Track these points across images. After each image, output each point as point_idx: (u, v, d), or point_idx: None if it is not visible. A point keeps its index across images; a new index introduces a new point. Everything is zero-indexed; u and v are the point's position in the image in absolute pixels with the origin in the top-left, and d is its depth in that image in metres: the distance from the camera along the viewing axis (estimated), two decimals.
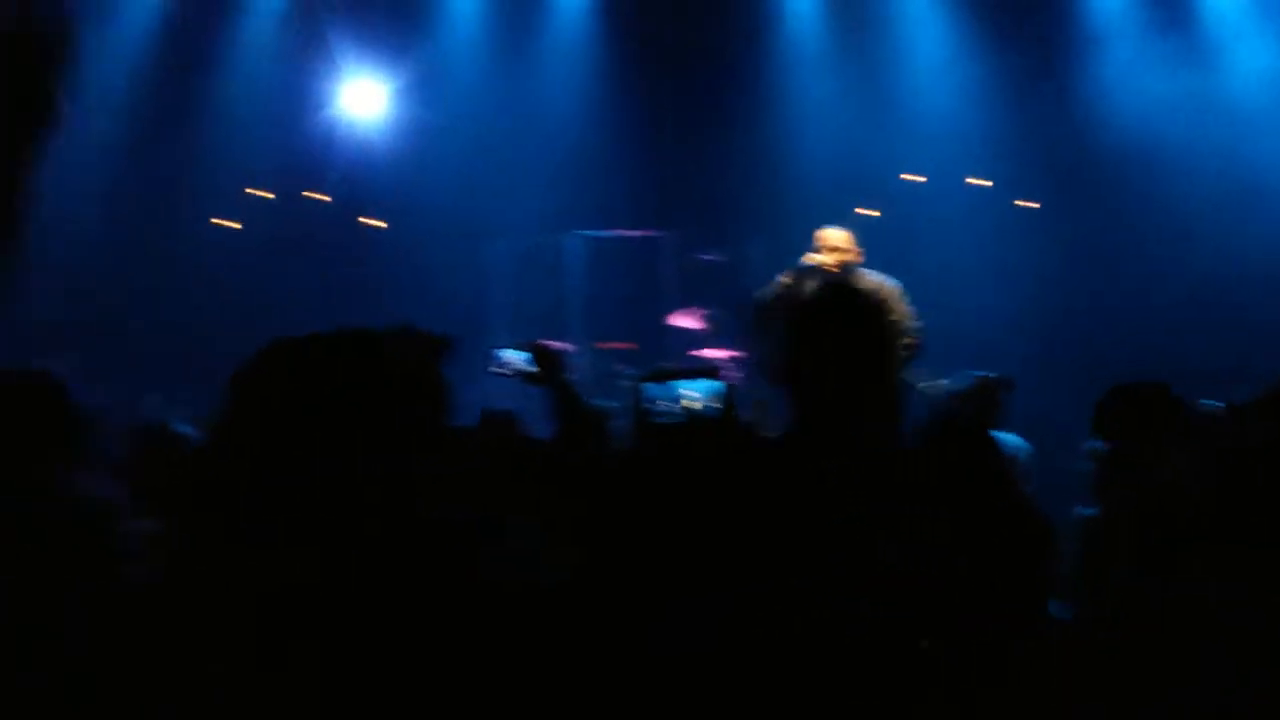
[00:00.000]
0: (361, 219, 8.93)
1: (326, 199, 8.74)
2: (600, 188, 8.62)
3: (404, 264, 8.48)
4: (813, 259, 5.78)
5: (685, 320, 8.22)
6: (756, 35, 8.74)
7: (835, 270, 5.74)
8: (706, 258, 8.45)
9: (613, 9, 8.76)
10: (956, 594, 1.97)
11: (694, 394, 2.85)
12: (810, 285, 5.64)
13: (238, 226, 8.74)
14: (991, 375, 5.12)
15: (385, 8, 8.74)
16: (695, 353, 7.84)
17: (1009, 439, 4.81)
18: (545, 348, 3.24)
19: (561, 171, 8.60)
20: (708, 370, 3.06)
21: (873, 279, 5.76)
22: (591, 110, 8.74)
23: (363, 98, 8.90)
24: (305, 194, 8.83)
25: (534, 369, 3.19)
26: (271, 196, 8.76)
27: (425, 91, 8.86)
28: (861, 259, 5.89)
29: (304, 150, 8.79)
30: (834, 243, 5.83)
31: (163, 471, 3.33)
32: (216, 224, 8.74)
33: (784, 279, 5.82)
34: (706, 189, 8.62)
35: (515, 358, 3.26)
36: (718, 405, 2.91)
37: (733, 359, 7.61)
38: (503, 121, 8.79)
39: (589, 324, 8.57)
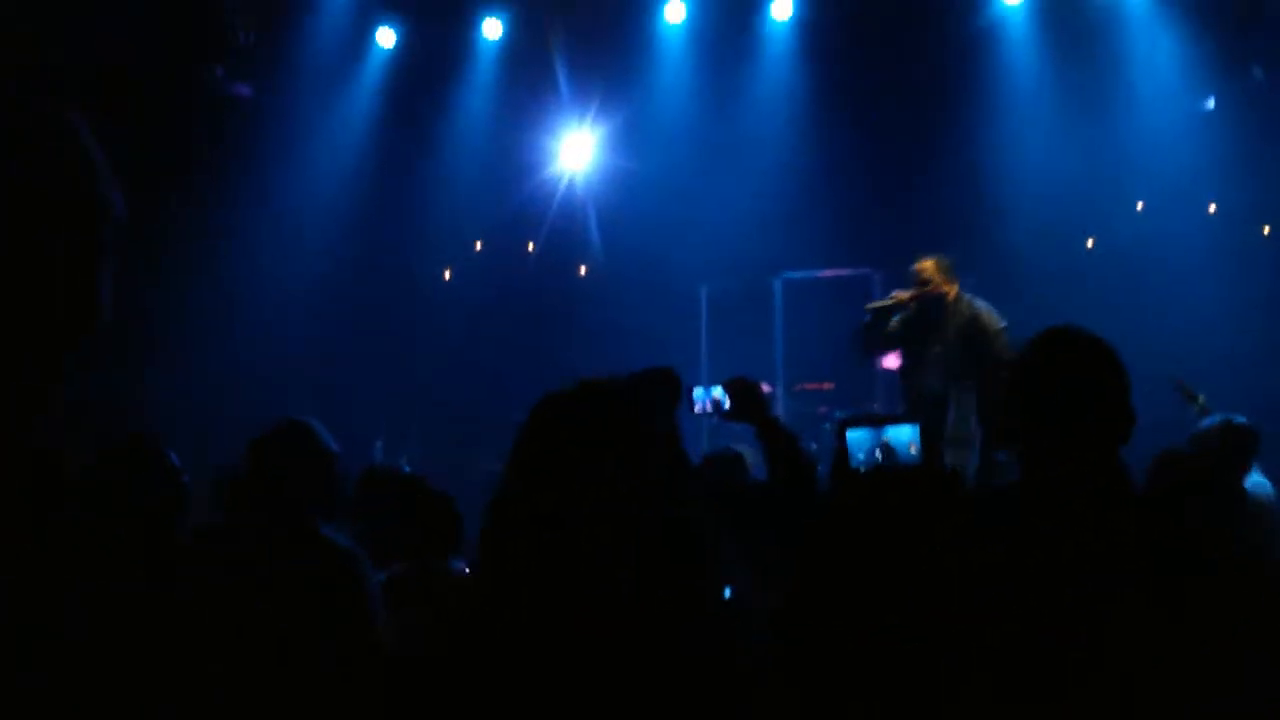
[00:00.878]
0: (578, 269, 9.14)
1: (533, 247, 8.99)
2: (810, 227, 8.55)
3: (611, 310, 8.61)
4: (900, 295, 5.88)
5: (894, 361, 8.03)
6: (969, 66, 8.50)
7: (929, 296, 5.77)
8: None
9: (820, 46, 8.69)
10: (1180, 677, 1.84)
11: (897, 440, 2.75)
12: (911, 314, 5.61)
13: (446, 277, 9.08)
14: (1238, 420, 4.63)
15: (595, 57, 8.94)
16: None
17: (1254, 481, 4.46)
18: (743, 382, 3.17)
19: (770, 213, 8.58)
20: (900, 418, 2.95)
21: (979, 306, 5.83)
22: (800, 149, 8.67)
23: (575, 148, 9.13)
24: (529, 248, 9.09)
25: (728, 406, 3.14)
26: (478, 247, 9.09)
27: (634, 139, 9.01)
28: (952, 289, 5.81)
29: (520, 203, 9.08)
30: (924, 274, 5.85)
31: (394, 513, 3.47)
32: (437, 276, 9.12)
33: (876, 306, 5.91)
34: (919, 225, 8.42)
35: (710, 395, 3.23)
36: (919, 451, 2.81)
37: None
38: (710, 163, 8.84)
39: (795, 366, 8.50)
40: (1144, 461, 3.28)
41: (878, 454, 2.71)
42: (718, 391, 3.18)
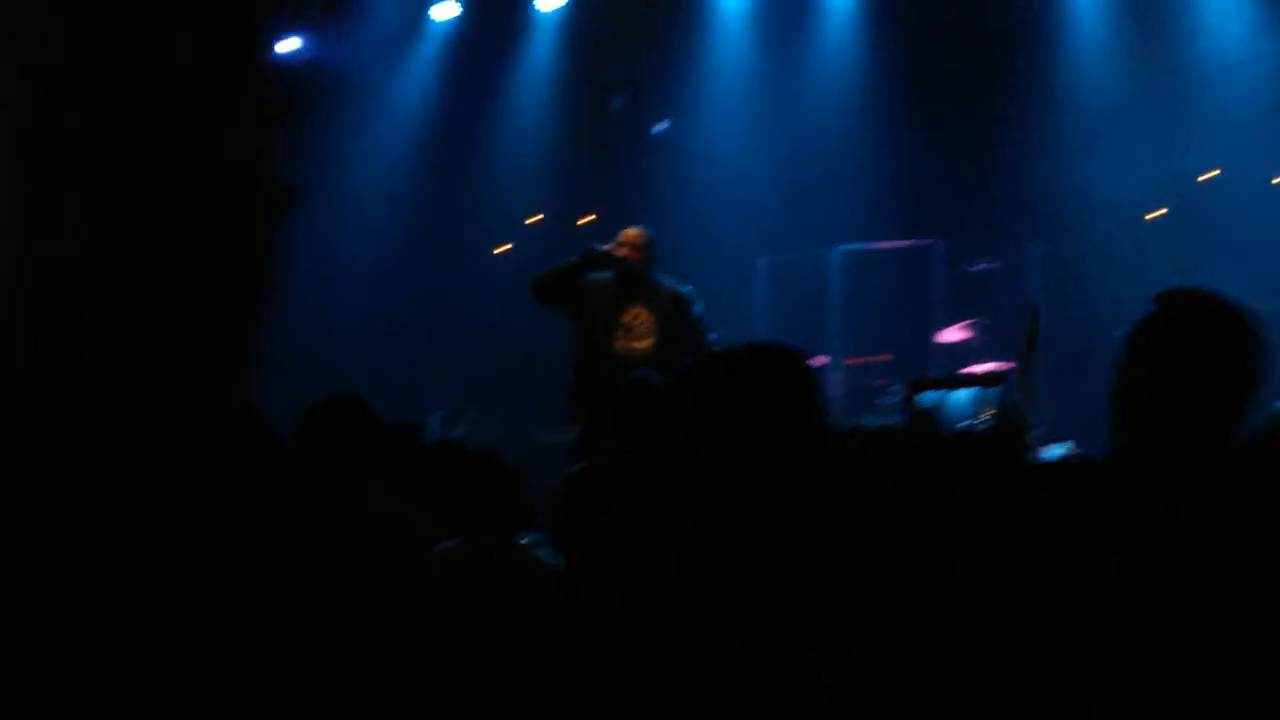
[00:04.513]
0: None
1: (590, 218, 8.96)
2: (869, 199, 8.46)
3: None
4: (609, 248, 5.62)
5: (953, 334, 7.94)
6: (1033, 28, 8.32)
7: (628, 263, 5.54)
8: (978, 267, 8.13)
9: (881, 15, 8.57)
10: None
11: (967, 404, 2.72)
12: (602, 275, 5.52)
13: (508, 247, 9.09)
14: None
15: (654, 30, 8.89)
16: (964, 368, 7.55)
17: None
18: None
19: (829, 184, 8.49)
20: (986, 378, 2.91)
21: (664, 284, 5.63)
22: (859, 118, 8.58)
23: (632, 121, 9.10)
24: (578, 221, 9.08)
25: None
26: (540, 218, 9.08)
27: (693, 112, 8.96)
28: (646, 263, 5.61)
29: (578, 171, 9.06)
30: (629, 240, 5.64)
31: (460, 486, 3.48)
32: (498, 252, 9.14)
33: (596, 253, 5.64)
34: (980, 194, 8.30)
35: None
36: (993, 416, 2.77)
37: (1002, 372, 7.27)
38: (768, 135, 8.77)
39: (852, 338, 8.42)
40: None
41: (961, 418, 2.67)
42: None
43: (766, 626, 1.66)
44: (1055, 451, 5.18)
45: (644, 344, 5.50)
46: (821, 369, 7.62)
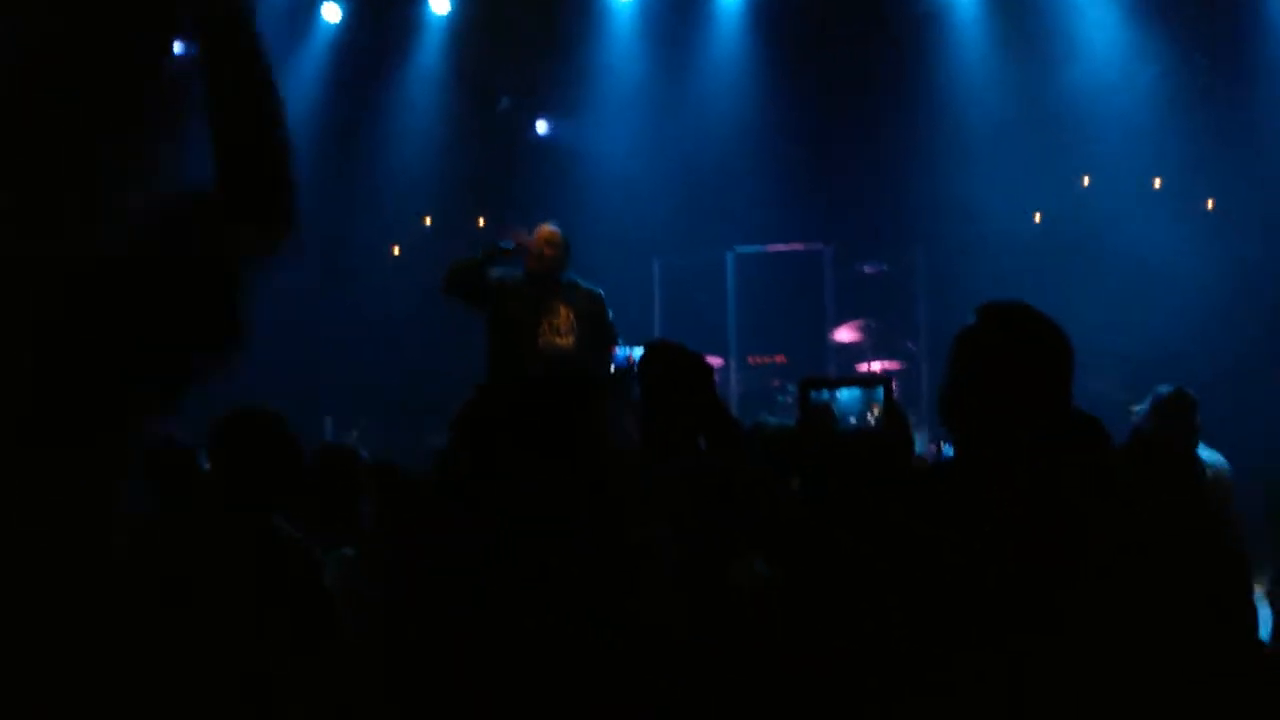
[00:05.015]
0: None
1: (482, 222, 8.91)
2: (762, 202, 8.57)
3: None
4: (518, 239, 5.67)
5: (845, 334, 8.11)
6: (915, 40, 8.53)
7: (537, 265, 5.60)
8: (868, 268, 8.32)
9: (772, 20, 8.69)
10: (1146, 629, 1.87)
11: (855, 402, 2.76)
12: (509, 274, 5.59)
13: (396, 252, 8.99)
14: (1181, 389, 4.72)
15: (545, 30, 8.86)
16: (859, 366, 7.72)
17: (1208, 455, 4.53)
18: (663, 342, 3.13)
19: (720, 187, 8.58)
20: (872, 379, 2.96)
21: (580, 283, 5.71)
22: (750, 124, 8.68)
23: (522, 122, 9.09)
24: (478, 224, 9.01)
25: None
26: (427, 222, 9.00)
27: (582, 114, 8.96)
28: (560, 261, 5.70)
29: (470, 173, 9.00)
30: (545, 237, 5.68)
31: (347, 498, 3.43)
32: (385, 251, 9.02)
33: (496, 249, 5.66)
34: (868, 199, 8.47)
35: (628, 354, 3.21)
36: (879, 415, 2.81)
37: (891, 371, 7.48)
38: (660, 138, 8.82)
39: (749, 339, 8.53)
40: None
41: (852, 418, 2.71)
42: (637, 352, 3.16)
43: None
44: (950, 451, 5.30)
45: (566, 341, 5.49)
46: (718, 369, 7.71)
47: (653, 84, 8.89)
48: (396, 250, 9.14)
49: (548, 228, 5.74)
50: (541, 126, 9.16)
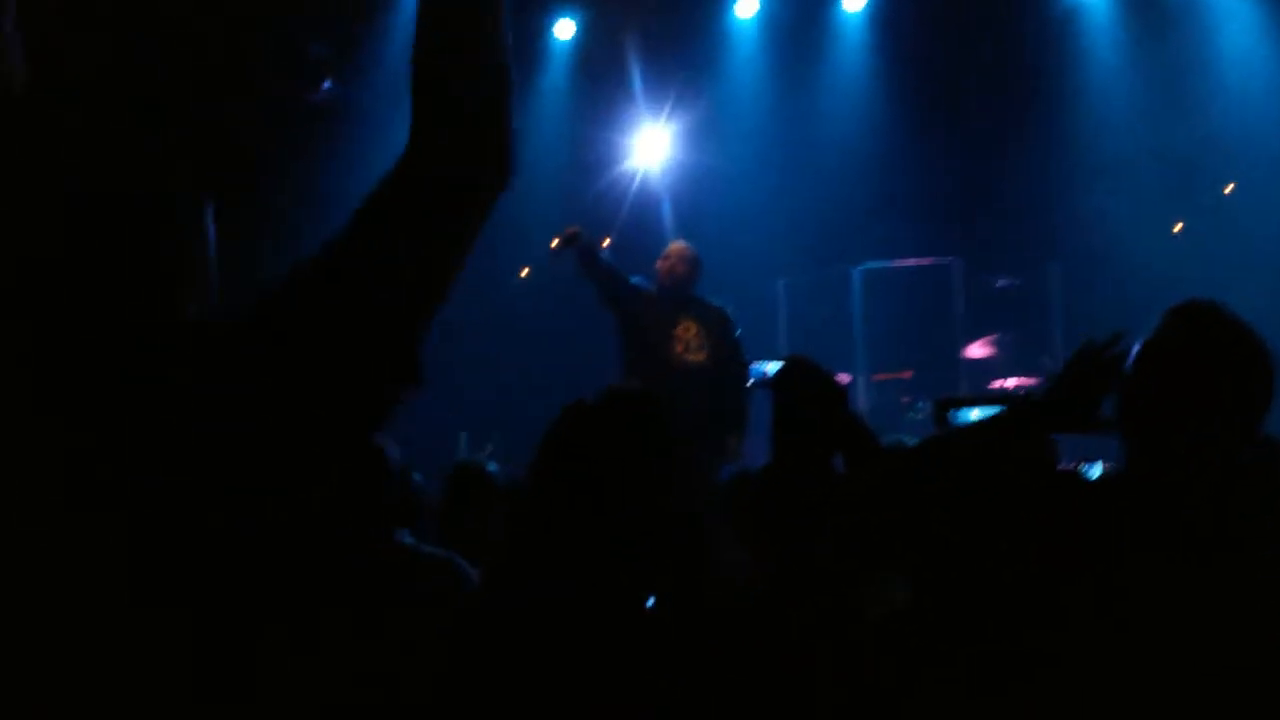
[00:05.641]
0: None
1: (608, 242, 9.00)
2: (888, 217, 8.47)
3: None
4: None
5: (978, 350, 7.95)
6: (1048, 45, 8.35)
7: (669, 280, 5.73)
8: (1000, 283, 8.15)
9: (894, 34, 8.61)
10: None
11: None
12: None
13: (525, 273, 9.15)
14: None
15: (667, 53, 8.94)
16: (989, 383, 7.56)
17: None
18: (800, 358, 3.12)
19: (847, 202, 8.51)
20: (1007, 398, 2.91)
21: (710, 300, 5.80)
22: (874, 137, 8.61)
23: (650, 145, 9.16)
24: (604, 243, 9.12)
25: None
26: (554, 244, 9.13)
27: (709, 134, 9.00)
28: (691, 277, 5.78)
29: (594, 199, 9.11)
30: (675, 252, 5.89)
31: (479, 514, 3.50)
32: (514, 274, 9.19)
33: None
34: (999, 211, 8.31)
35: (770, 368, 3.19)
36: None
37: (1027, 387, 7.29)
38: (785, 155, 8.80)
39: (876, 356, 8.43)
40: None
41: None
42: (773, 368, 3.14)
43: None
44: (1093, 470, 5.15)
45: (699, 357, 5.61)
46: (846, 386, 7.63)
47: (776, 99, 8.89)
48: (525, 273, 9.30)
49: (679, 244, 5.84)
50: (663, 147, 9.23)
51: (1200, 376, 1.84)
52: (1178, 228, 8.28)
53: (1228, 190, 8.10)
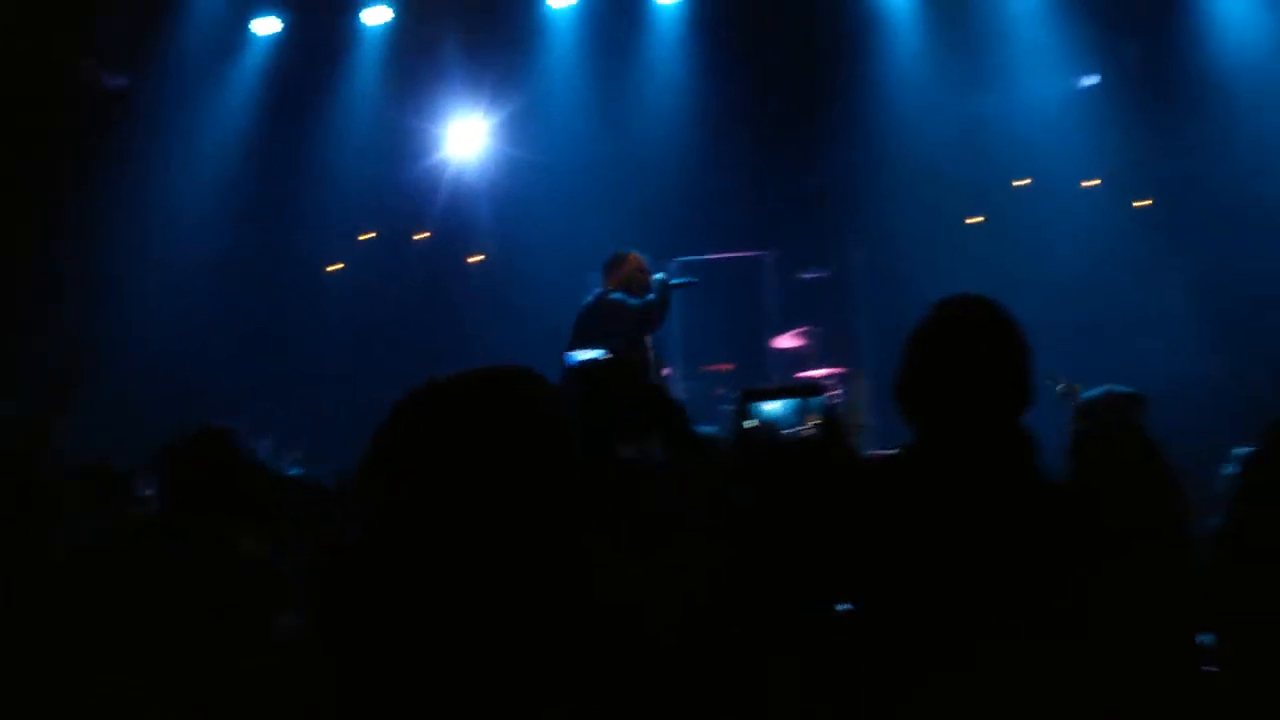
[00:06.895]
0: (468, 258, 9.03)
1: (425, 235, 8.86)
2: (704, 210, 8.57)
3: (505, 298, 8.53)
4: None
5: (788, 341, 8.13)
6: (853, 49, 8.59)
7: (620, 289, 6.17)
8: (809, 275, 8.35)
9: (707, 29, 8.70)
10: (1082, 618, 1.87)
11: (791, 411, 2.77)
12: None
13: (341, 266, 8.91)
14: (1125, 390, 4.78)
15: (484, 44, 8.83)
16: (800, 373, 7.74)
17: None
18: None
19: (661, 197, 8.56)
20: (810, 388, 2.97)
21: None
22: (689, 134, 8.68)
23: (464, 135, 9.03)
24: (414, 236, 8.96)
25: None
26: (373, 235, 8.92)
27: (524, 125, 8.92)
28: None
29: (408, 191, 8.93)
30: (644, 264, 6.32)
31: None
32: (330, 270, 8.93)
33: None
34: (808, 206, 8.51)
35: (587, 357, 3.18)
36: (820, 422, 2.82)
37: (834, 376, 7.50)
38: (600, 150, 8.79)
39: (692, 348, 8.51)
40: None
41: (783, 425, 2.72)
42: (591, 354, 3.14)
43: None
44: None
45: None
46: (666, 377, 7.69)
47: (591, 92, 8.87)
48: (337, 266, 9.04)
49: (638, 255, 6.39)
50: (479, 141, 9.11)
51: (958, 360, 2.01)
52: (977, 220, 8.65)
53: (1021, 184, 8.48)
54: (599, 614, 1.63)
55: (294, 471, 3.68)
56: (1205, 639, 2.27)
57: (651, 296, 6.20)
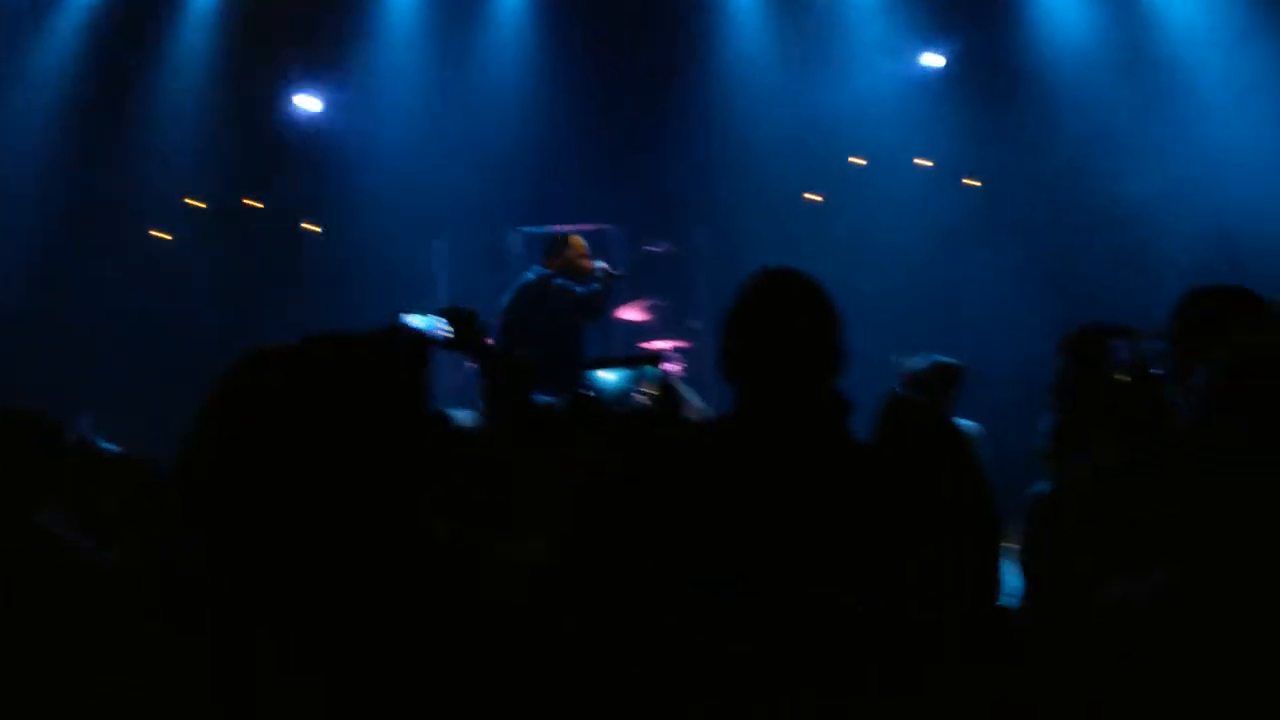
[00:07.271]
0: (302, 224, 8.78)
1: (259, 205, 8.59)
2: (546, 182, 8.54)
3: (348, 264, 8.35)
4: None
5: (632, 313, 8.18)
6: (699, 25, 8.67)
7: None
8: (653, 249, 8.41)
9: (555, 8, 8.66)
10: (903, 580, 1.93)
11: (626, 381, 2.81)
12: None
13: (168, 238, 8.56)
14: (948, 360, 5.03)
15: (324, 8, 8.58)
16: (642, 344, 7.82)
17: (962, 423, 4.78)
18: (458, 310, 3.11)
19: (506, 167, 8.49)
20: (647, 358, 3.00)
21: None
22: (535, 104, 8.63)
23: (303, 100, 8.79)
24: (244, 201, 8.66)
25: (448, 335, 3.08)
26: (203, 206, 8.59)
27: (366, 91, 8.73)
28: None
29: (242, 156, 8.63)
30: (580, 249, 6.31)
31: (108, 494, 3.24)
32: (154, 235, 8.57)
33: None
34: (653, 180, 8.56)
35: (422, 323, 3.14)
36: (656, 392, 2.86)
37: (676, 349, 7.59)
38: (445, 119, 8.67)
39: None
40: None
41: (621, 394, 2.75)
42: (427, 320, 3.10)
43: None
44: None
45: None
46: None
47: (433, 69, 8.73)
48: (166, 235, 8.67)
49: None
50: (315, 107, 8.87)
51: (770, 327, 2.12)
52: (817, 197, 8.84)
53: (857, 162, 8.70)
54: (445, 586, 1.59)
55: (110, 448, 3.50)
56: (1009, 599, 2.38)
57: (596, 286, 6.05)
